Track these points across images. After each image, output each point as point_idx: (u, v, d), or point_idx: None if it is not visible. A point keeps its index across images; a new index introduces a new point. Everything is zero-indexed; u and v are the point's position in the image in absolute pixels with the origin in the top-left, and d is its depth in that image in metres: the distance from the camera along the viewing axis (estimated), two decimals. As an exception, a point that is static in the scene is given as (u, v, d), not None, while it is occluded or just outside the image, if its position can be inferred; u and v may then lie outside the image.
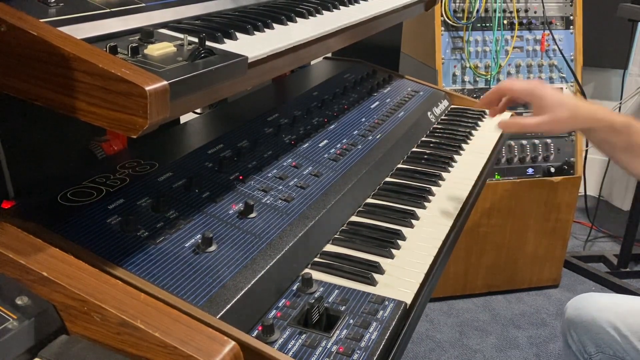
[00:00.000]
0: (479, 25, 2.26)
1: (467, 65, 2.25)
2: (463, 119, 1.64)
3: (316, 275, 0.91)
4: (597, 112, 1.17)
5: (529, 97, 1.20)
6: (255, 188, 1.01)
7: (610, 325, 1.35)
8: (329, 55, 1.86)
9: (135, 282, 0.74)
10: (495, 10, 2.24)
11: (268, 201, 0.99)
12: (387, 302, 0.85)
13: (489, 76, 2.27)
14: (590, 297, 1.46)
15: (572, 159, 2.36)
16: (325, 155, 1.18)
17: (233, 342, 0.66)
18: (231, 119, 1.27)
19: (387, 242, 1.01)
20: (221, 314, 0.74)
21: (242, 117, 1.26)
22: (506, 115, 1.29)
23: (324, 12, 1.18)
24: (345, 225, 1.07)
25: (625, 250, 2.66)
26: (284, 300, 0.84)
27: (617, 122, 1.15)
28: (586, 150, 2.44)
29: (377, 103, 1.52)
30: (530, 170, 2.32)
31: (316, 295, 0.85)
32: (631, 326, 1.33)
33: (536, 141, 2.32)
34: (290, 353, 0.74)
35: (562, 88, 2.35)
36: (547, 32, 2.31)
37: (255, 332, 0.77)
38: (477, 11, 2.22)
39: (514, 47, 2.29)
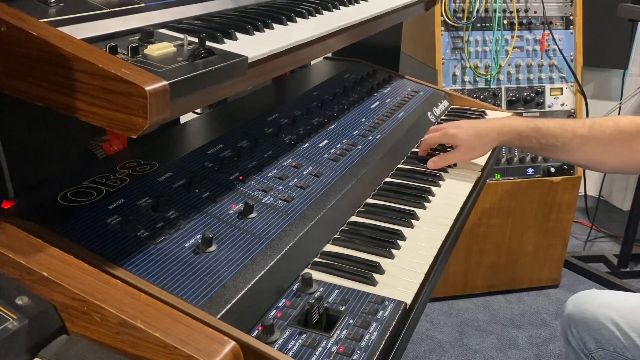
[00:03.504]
0: (479, 25, 2.26)
1: (467, 65, 2.25)
2: (463, 119, 1.64)
3: (316, 275, 0.91)
4: (502, 128, 1.35)
5: (445, 140, 1.39)
6: (255, 188, 1.01)
7: (611, 322, 1.35)
8: (329, 55, 1.86)
9: (135, 282, 0.74)
10: (495, 10, 2.24)
11: (268, 201, 0.99)
12: (387, 302, 0.85)
13: (489, 76, 2.27)
14: (590, 294, 1.46)
15: (572, 159, 2.36)
16: (326, 156, 1.18)
17: (233, 342, 0.66)
18: (231, 119, 1.27)
19: (387, 242, 1.01)
20: (221, 314, 0.74)
21: (242, 117, 1.26)
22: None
23: (324, 12, 1.18)
24: (345, 225, 1.07)
25: (625, 250, 2.66)
26: (284, 300, 0.84)
27: (524, 130, 1.32)
28: (586, 150, 2.44)
29: (377, 103, 1.52)
30: (530, 170, 2.32)
31: (316, 295, 0.85)
32: (631, 322, 1.33)
33: (536, 141, 2.32)
34: (290, 353, 0.74)
35: (561, 88, 2.35)
36: (547, 32, 2.31)
37: (255, 332, 0.77)
38: (477, 11, 2.22)
39: (514, 47, 2.29)
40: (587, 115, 2.38)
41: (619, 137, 1.24)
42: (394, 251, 0.99)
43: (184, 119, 1.24)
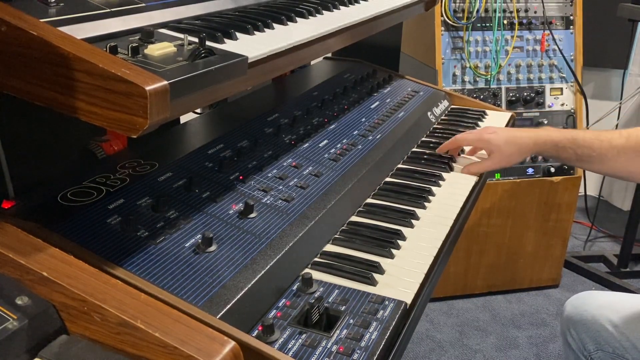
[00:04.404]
0: (479, 25, 2.26)
1: (467, 65, 2.25)
2: (463, 119, 1.64)
3: (316, 275, 0.91)
4: (538, 137, 1.34)
5: (479, 144, 1.39)
6: (255, 188, 1.01)
7: (610, 323, 1.35)
8: (329, 55, 1.86)
9: (135, 282, 0.74)
10: (495, 10, 2.24)
11: (268, 201, 0.99)
12: (387, 302, 0.85)
13: (489, 76, 2.27)
14: (589, 295, 1.46)
15: (572, 159, 2.35)
16: (326, 155, 1.18)
17: (233, 342, 0.66)
18: (231, 119, 1.27)
19: (387, 242, 1.01)
20: (221, 314, 0.74)
21: (242, 117, 1.26)
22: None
23: (324, 12, 1.18)
24: (345, 225, 1.07)
25: (625, 250, 2.66)
26: (284, 300, 0.84)
27: (561, 140, 1.32)
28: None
29: (377, 103, 1.52)
30: (530, 170, 2.32)
31: (316, 295, 0.85)
32: (630, 324, 1.33)
33: (536, 141, 2.32)
34: (291, 353, 0.74)
35: (561, 88, 2.35)
36: (547, 32, 2.31)
37: (255, 332, 0.77)
38: (477, 11, 2.22)
39: (514, 47, 2.29)
40: (587, 115, 2.38)
41: None
42: (394, 251, 0.99)
43: (184, 119, 1.24)
